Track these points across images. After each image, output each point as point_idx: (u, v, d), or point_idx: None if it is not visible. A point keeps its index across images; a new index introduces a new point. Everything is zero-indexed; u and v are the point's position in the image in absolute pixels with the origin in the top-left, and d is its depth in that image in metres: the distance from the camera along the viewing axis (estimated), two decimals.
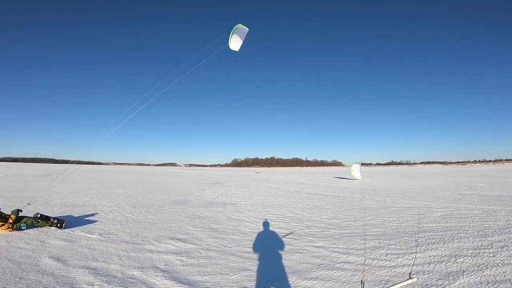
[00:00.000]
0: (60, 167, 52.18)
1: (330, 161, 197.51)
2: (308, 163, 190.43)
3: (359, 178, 26.40)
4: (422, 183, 20.53)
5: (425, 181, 22.84)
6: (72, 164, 8.72)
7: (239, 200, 11.65)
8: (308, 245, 5.17)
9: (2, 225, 5.49)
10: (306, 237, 5.76)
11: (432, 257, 4.37)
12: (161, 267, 4.02)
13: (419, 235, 5.77)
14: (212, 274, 3.79)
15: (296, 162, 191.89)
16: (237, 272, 3.88)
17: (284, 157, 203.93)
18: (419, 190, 15.24)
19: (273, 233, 6.25)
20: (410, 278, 2.17)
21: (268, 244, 5.37)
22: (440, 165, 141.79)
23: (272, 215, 8.24)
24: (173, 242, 5.28)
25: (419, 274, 3.72)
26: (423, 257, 4.38)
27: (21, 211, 5.82)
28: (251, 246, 5.16)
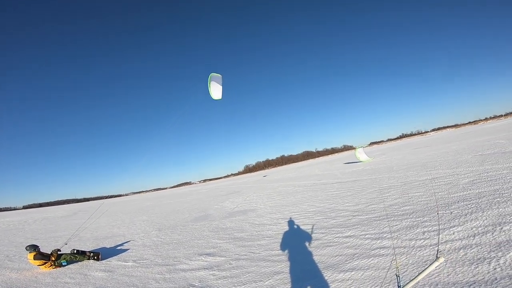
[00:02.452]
0: (83, 205, 53.53)
1: (341, 147, 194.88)
2: (319, 154, 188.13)
3: (368, 159, 25.99)
4: (440, 151, 19.97)
5: (443, 148, 22.21)
6: (98, 201, 8.95)
7: (259, 205, 11.63)
8: (337, 237, 5.09)
9: (45, 263, 5.91)
10: (333, 229, 5.68)
11: (474, 229, 4.00)
12: (196, 284, 4.05)
13: (453, 206, 5.40)
14: (246, 283, 3.78)
15: (307, 155, 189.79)
16: (270, 276, 3.85)
17: (295, 153, 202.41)
18: (439, 158, 14.83)
19: (299, 230, 6.19)
20: (437, 259, 2.03)
21: (295, 243, 5.32)
22: (453, 129, 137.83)
23: (294, 213, 8.18)
24: (203, 258, 5.32)
25: (466, 248, 3.42)
26: (465, 230, 4.03)
27: (59, 250, 6.24)
28: (279, 248, 5.13)
